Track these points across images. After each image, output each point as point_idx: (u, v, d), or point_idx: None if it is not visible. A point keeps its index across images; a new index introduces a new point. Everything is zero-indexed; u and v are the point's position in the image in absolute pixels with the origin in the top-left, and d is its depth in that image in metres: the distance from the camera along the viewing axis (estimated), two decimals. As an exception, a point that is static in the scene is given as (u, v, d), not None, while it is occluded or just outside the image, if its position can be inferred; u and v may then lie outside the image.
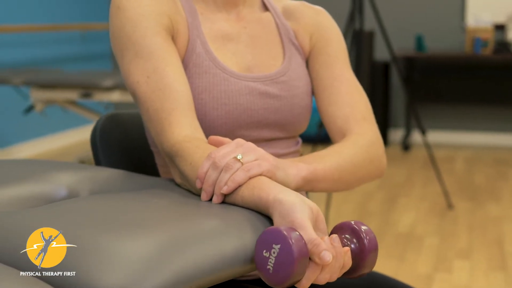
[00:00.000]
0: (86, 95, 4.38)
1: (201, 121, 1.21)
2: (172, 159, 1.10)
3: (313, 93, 1.34)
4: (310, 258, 0.85)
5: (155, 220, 0.89)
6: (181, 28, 1.22)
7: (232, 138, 1.24)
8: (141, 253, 0.80)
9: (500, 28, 5.90)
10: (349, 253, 0.90)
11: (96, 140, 1.33)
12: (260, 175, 0.98)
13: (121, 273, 0.78)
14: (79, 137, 6.39)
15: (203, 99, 1.21)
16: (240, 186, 0.96)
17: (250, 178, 0.96)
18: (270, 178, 0.99)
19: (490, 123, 6.14)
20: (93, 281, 0.78)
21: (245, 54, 1.27)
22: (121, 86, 4.32)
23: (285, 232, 0.83)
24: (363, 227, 0.91)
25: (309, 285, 0.86)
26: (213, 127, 1.22)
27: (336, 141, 1.28)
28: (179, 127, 1.11)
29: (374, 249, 0.90)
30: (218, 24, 1.27)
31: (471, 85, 6.09)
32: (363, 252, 0.90)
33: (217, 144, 1.07)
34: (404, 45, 6.22)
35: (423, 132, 4.20)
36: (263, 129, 1.27)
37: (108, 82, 4.28)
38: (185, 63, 1.22)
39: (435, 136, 6.24)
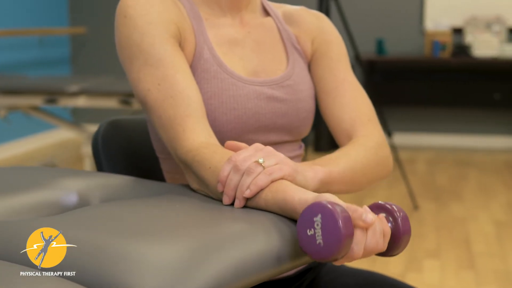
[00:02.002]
0: (51, 100, 4.32)
1: (211, 126, 1.21)
2: (188, 166, 1.10)
3: (316, 96, 1.35)
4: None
5: (181, 225, 0.89)
6: (187, 34, 1.23)
7: (241, 142, 1.24)
8: (172, 259, 0.80)
9: (458, 31, 6.02)
10: (385, 221, 0.93)
11: (98, 147, 1.32)
12: (282, 178, 0.99)
13: (153, 280, 0.78)
14: (42, 142, 6.30)
15: (212, 105, 1.21)
16: (262, 189, 0.97)
17: (272, 181, 0.98)
18: (291, 181, 1.00)
19: (449, 124, 6.25)
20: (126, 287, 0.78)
21: (251, 58, 1.28)
22: (86, 92, 4.26)
23: (324, 202, 0.85)
24: (396, 207, 0.94)
25: (361, 251, 0.88)
26: (222, 132, 1.22)
27: (343, 144, 1.29)
28: (194, 134, 1.12)
29: (408, 230, 0.93)
30: (224, 29, 1.28)
31: (431, 87, 6.19)
32: (397, 231, 0.93)
33: (234, 149, 1.08)
34: (365, 49, 6.29)
35: (389, 134, 4.26)
36: (270, 133, 1.28)
37: (73, 88, 4.23)
38: (193, 69, 1.22)
39: (396, 138, 6.33)
